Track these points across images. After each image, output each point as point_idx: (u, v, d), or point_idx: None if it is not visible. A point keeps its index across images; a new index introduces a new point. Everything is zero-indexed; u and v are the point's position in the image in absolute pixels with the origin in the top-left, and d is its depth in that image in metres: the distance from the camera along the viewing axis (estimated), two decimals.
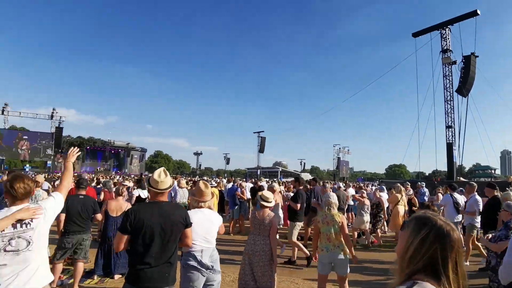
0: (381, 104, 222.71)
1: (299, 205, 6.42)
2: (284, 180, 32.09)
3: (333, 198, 4.34)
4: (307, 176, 59.69)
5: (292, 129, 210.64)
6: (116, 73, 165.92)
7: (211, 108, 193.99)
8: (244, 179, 23.96)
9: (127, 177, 23.48)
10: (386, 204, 8.72)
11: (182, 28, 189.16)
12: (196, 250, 2.98)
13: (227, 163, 65.66)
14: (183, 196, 8.38)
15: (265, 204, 4.10)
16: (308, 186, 8.25)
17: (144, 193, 7.95)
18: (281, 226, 8.73)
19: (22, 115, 45.01)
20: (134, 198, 7.80)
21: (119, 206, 5.39)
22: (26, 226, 2.20)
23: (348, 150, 64.43)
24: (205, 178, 28.49)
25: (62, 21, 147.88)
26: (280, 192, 9.11)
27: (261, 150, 48.28)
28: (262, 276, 3.87)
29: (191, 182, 13.23)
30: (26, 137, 44.75)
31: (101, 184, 10.56)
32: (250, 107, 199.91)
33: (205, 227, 3.06)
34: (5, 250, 2.11)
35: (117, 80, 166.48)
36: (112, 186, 8.93)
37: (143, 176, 19.18)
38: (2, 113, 41.74)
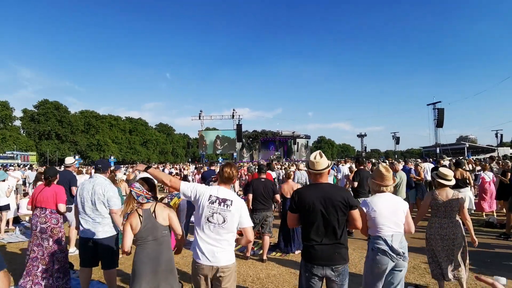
0: None
1: (356, 183, 6.80)
2: (473, 158, 26.33)
3: None
4: (506, 151, 46.54)
5: (479, 94, 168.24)
6: (275, 67, 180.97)
7: (373, 85, 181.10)
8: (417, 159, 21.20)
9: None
10: None
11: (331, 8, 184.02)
12: (386, 234, 2.84)
13: (397, 143, 59.58)
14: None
15: (444, 182, 3.70)
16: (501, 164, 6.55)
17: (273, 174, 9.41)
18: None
19: (212, 118, 56.71)
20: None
21: (291, 187, 5.97)
22: (227, 207, 2.51)
23: None
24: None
25: (231, 34, 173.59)
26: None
27: (439, 124, 40.85)
28: (449, 262, 3.51)
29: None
30: (219, 135, 55.85)
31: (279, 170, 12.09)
32: (420, 75, 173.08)
33: (392, 211, 2.89)
34: (208, 220, 2.49)
35: (279, 73, 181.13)
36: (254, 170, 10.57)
37: (271, 161, 21.07)
38: (199, 118, 53.72)
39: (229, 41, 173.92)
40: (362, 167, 7.42)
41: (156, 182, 2.83)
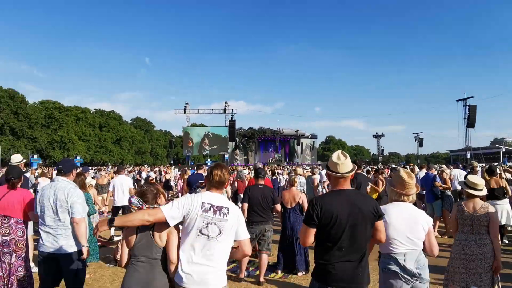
0: None
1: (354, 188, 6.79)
2: (510, 164, 26.53)
3: None
4: None
5: None
6: (277, 51, 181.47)
7: (393, 75, 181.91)
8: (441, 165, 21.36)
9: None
10: None
11: None
12: (398, 252, 2.83)
13: (420, 145, 60.12)
14: None
15: (474, 193, 3.75)
16: None
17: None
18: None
19: (200, 112, 56.62)
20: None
21: (292, 196, 5.92)
22: (223, 217, 2.53)
23: None
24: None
25: (223, 21, 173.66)
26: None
27: (470, 124, 41.23)
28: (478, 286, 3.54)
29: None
30: (207, 133, 55.77)
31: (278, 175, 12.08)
32: (449, 67, 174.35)
33: (408, 225, 2.86)
34: (201, 233, 2.48)
35: (281, 60, 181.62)
36: (245, 176, 10.51)
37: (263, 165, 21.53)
38: (184, 112, 53.69)
39: (223, 20, 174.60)
40: (359, 171, 7.74)
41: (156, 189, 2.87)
